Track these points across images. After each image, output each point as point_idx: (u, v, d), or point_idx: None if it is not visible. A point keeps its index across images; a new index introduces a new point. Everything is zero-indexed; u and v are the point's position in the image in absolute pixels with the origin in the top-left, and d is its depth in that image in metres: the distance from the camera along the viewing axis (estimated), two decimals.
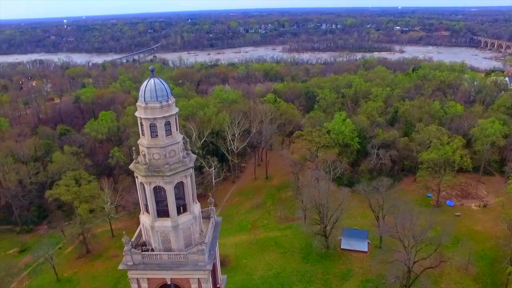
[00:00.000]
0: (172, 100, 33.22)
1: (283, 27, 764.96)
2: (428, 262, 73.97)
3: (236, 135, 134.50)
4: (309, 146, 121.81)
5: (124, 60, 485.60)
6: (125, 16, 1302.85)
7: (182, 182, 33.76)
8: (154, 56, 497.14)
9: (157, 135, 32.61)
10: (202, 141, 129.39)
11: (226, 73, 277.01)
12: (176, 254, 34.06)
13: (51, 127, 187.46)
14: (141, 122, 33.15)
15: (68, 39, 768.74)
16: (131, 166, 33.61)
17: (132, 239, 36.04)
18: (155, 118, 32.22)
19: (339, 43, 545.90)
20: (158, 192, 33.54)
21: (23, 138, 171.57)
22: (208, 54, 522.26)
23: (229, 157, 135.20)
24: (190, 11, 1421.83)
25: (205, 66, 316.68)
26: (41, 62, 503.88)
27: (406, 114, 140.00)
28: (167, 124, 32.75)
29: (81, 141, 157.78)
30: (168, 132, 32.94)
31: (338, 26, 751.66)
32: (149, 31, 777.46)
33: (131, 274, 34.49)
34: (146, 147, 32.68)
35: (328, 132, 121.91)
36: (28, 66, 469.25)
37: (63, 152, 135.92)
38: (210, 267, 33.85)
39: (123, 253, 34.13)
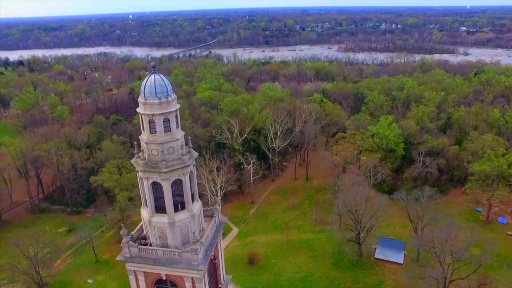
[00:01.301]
0: (172, 97, 33.11)
1: (340, 26, 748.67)
2: (467, 282, 68.58)
3: (278, 134, 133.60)
4: (351, 149, 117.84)
5: (181, 55, 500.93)
6: (186, 12, 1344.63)
7: (181, 180, 33.62)
8: (210, 51, 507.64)
9: (155, 131, 32.73)
10: (243, 137, 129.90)
11: (277, 71, 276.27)
12: (171, 251, 34.13)
13: (106, 116, 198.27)
14: (141, 118, 33.44)
15: (132, 34, 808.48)
16: (132, 161, 34.11)
17: (133, 232, 36.64)
18: (153, 114, 32.32)
19: (397, 44, 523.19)
20: (157, 188, 33.71)
21: (80, 126, 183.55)
22: (263, 51, 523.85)
23: (270, 156, 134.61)
24: (248, 8, 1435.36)
25: (257, 63, 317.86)
26: (105, 54, 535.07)
27: (460, 121, 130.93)
28: (166, 120, 32.73)
29: (130, 131, 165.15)
30: (167, 128, 32.89)
31: (398, 26, 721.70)
32: (207, 27, 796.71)
33: (129, 266, 35.07)
34: (145, 143, 33.01)
35: (372, 135, 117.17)
36: (94, 58, 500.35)
37: (112, 140, 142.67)
38: (202, 267, 33.47)
39: (121, 245, 34.80)
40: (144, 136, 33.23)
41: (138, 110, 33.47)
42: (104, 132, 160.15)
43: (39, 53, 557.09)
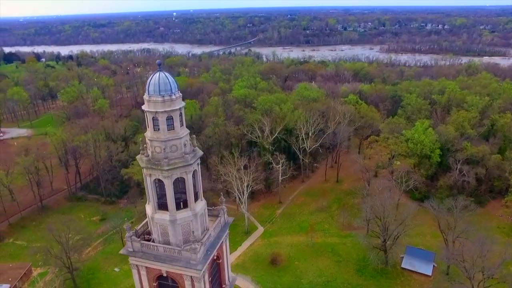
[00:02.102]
0: (176, 95, 32.98)
1: (384, 26, 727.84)
2: None
3: (310, 134, 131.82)
4: (383, 153, 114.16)
5: (221, 52, 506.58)
6: (228, 10, 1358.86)
7: (183, 178, 33.60)
8: (249, 49, 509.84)
9: (159, 129, 32.77)
10: (273, 137, 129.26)
11: (314, 71, 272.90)
12: (171, 248, 34.16)
13: (143, 110, 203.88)
14: (146, 115, 33.61)
15: (175, 31, 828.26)
16: (138, 157, 34.37)
17: (139, 227, 37.09)
18: (156, 112, 32.37)
19: (443, 45, 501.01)
20: (160, 185, 33.82)
21: (118, 119, 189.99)
22: (303, 51, 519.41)
23: (300, 156, 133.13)
24: (290, 7, 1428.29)
25: (295, 62, 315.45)
26: (148, 51, 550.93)
27: (505, 128, 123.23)
28: (169, 118, 32.66)
29: None
30: (171, 126, 32.83)
31: (446, 27, 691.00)
32: (248, 25, 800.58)
33: (131, 260, 35.50)
34: (149, 140, 33.18)
35: (407, 140, 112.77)
36: (137, 54, 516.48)
37: None
38: (201, 267, 33.25)
39: (125, 239, 35.26)
40: (148, 133, 33.50)
41: (143, 107, 33.67)
42: (140, 126, 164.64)
43: (88, 48, 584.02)
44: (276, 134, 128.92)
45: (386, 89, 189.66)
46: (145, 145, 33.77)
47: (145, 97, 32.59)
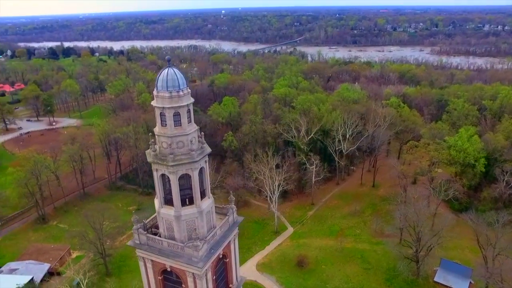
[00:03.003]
0: (184, 91, 32.76)
1: (436, 27, 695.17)
2: None
3: (347, 136, 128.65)
4: (423, 160, 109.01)
5: (266, 51, 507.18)
6: (276, 8, 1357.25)
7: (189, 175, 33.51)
8: (294, 48, 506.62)
9: (166, 125, 32.79)
10: (309, 137, 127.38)
11: (358, 71, 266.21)
12: (174, 244, 34.17)
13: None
14: (155, 110, 33.74)
15: (222, 28, 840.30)
16: (147, 151, 34.59)
17: (147, 220, 37.53)
18: (163, 107, 32.39)
19: (502, 48, 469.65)
20: (167, 180, 33.83)
21: None
22: (349, 51, 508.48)
23: (336, 158, 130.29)
24: (339, 6, 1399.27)
25: (339, 62, 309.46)
26: (195, 47, 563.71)
27: None
28: (177, 114, 32.54)
29: (204, 122, 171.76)
30: (178, 123, 32.71)
31: (506, 28, 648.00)
32: (295, 24, 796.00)
33: (138, 252, 36.00)
34: (156, 135, 33.35)
35: (449, 147, 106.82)
36: (184, 50, 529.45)
37: None
38: (202, 264, 32.99)
39: (132, 231, 35.81)
40: (156, 129, 33.71)
41: (152, 102, 33.95)
42: None
43: (138, 44, 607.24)
44: (312, 135, 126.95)
45: (432, 92, 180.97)
46: (152, 140, 34.10)
47: (154, 92, 32.88)
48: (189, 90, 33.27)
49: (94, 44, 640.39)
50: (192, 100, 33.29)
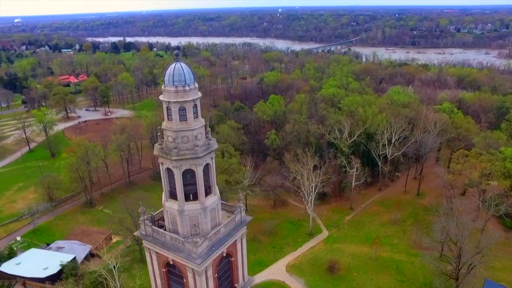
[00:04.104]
0: (190, 86, 32.42)
1: (507, 28, 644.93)
2: None
3: (392, 141, 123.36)
4: (473, 170, 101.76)
5: (320, 50, 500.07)
6: (333, 7, 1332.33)
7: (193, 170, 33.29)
8: (349, 48, 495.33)
9: (171, 119, 32.77)
10: (352, 139, 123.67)
11: (413, 74, 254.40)
12: (176, 238, 34.17)
13: (232, 102, 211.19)
14: (162, 104, 33.88)
15: (277, 26, 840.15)
16: (155, 145, 34.80)
17: (156, 213, 37.95)
18: (169, 102, 32.35)
19: None
20: (172, 174, 33.74)
21: (208, 108, 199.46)
22: (407, 52, 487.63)
23: (380, 163, 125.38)
24: (400, 6, 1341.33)
25: (393, 64, 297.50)
26: (249, 45, 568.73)
27: None
28: (182, 109, 32.34)
29: (249, 119, 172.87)
30: (183, 117, 32.53)
31: None
32: (352, 23, 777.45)
33: (144, 243, 36.50)
34: (163, 128, 33.41)
35: (504, 159, 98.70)
36: (238, 47, 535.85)
37: (229, 125, 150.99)
38: (200, 261, 32.67)
39: (139, 222, 36.38)
40: (163, 123, 33.92)
41: (159, 96, 34.04)
42: (224, 117, 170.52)
43: (195, 40, 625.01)
44: (355, 137, 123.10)
45: (493, 99, 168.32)
46: (159, 134, 34.43)
47: (162, 86, 33.13)
48: (196, 86, 33.20)
49: (153, 39, 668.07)
50: (199, 95, 33.19)
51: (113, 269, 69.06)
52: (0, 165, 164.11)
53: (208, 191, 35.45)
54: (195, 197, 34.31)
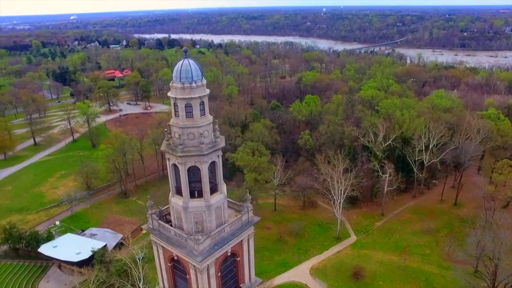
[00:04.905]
0: (197, 83, 32.18)
1: None
2: None
3: (430, 147, 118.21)
4: None
5: (362, 51, 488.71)
6: (379, 7, 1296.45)
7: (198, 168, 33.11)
8: (393, 49, 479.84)
9: (178, 115, 32.76)
10: (386, 143, 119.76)
11: (459, 78, 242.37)
12: (179, 234, 34.21)
13: (269, 101, 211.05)
14: (170, 101, 33.92)
15: (321, 26, 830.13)
16: (164, 141, 34.99)
17: (164, 207, 38.29)
18: (176, 98, 32.33)
19: None
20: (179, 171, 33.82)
21: (245, 106, 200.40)
22: (455, 55, 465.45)
23: (415, 169, 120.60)
24: (451, 6, 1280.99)
25: (438, 67, 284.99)
26: (291, 44, 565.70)
27: None
28: (189, 106, 32.19)
29: (284, 118, 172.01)
30: (190, 114, 32.37)
31: None
32: (398, 24, 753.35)
33: (151, 237, 36.95)
34: (170, 124, 33.51)
35: None
36: (280, 46, 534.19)
37: (263, 124, 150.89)
38: (201, 259, 32.50)
39: (147, 216, 36.85)
40: (172, 118, 34.08)
41: (168, 93, 34.20)
42: (260, 115, 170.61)
43: (237, 38, 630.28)
44: (389, 141, 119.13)
45: None
46: (166, 130, 34.72)
47: (170, 83, 33.34)
48: (204, 83, 33.10)
49: (197, 37, 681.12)
50: (207, 92, 33.06)
51: (138, 260, 71.01)
52: (46, 153, 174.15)
53: (214, 189, 35.42)
54: (200, 195, 34.42)
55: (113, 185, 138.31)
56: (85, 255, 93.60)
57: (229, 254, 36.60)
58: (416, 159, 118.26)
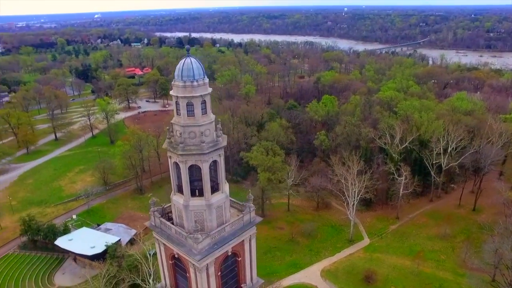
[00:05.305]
0: (199, 82, 32.08)
1: None
2: None
3: (449, 150, 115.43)
4: None
5: (383, 51, 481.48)
6: (402, 7, 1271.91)
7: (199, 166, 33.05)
8: (415, 50, 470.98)
9: (180, 114, 32.78)
10: (403, 146, 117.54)
11: (483, 80, 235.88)
12: (179, 232, 34.19)
13: (286, 100, 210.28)
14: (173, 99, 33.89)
15: (341, 26, 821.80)
16: (166, 139, 35.06)
17: (166, 205, 38.43)
18: (177, 97, 32.34)
19: None
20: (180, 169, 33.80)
21: (262, 105, 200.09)
22: (480, 56, 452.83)
23: (432, 173, 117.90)
24: (477, 6, 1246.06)
25: (461, 68, 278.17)
26: (311, 43, 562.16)
27: None
28: (190, 104, 32.15)
29: (301, 118, 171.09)
30: (191, 113, 32.34)
31: None
32: (420, 24, 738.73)
33: (154, 234, 37.11)
34: (172, 122, 33.54)
35: None
36: (300, 46, 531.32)
37: (279, 124, 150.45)
38: (199, 257, 32.40)
39: (149, 212, 37.06)
40: (174, 117, 34.12)
41: (170, 91, 34.19)
42: (276, 115, 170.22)
43: (257, 37, 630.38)
44: (406, 143, 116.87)
45: None
46: (168, 128, 34.81)
47: (173, 81, 33.39)
48: (206, 81, 33.04)
49: (217, 35, 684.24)
50: (208, 91, 33.00)
51: (149, 255, 71.80)
52: (66, 148, 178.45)
53: (215, 188, 35.41)
54: (201, 193, 34.44)
55: (129, 181, 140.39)
56: (99, 249, 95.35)
57: (229, 254, 36.53)
58: (434, 162, 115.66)
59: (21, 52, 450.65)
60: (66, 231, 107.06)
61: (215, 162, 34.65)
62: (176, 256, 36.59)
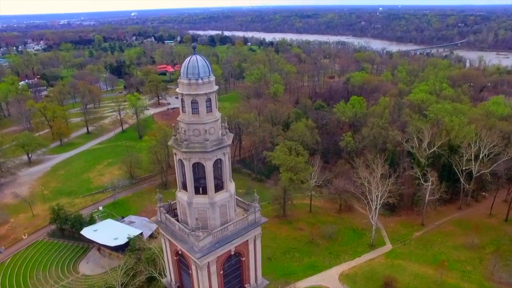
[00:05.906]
0: (204, 80, 31.87)
1: None
2: None
3: (480, 157, 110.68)
4: None
5: (418, 52, 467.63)
6: (440, 7, 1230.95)
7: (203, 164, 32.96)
8: (451, 52, 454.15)
9: (185, 111, 32.73)
10: (431, 150, 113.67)
11: None
12: (183, 229, 34.17)
13: (314, 100, 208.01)
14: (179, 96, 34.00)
15: (375, 26, 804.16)
16: (172, 136, 35.09)
17: (173, 201, 38.59)
18: (182, 94, 32.32)
19: None
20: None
21: (289, 105, 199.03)
22: None
23: (462, 179, 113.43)
24: None
25: (500, 71, 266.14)
26: (343, 43, 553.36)
27: None
28: (195, 102, 32.03)
29: (328, 119, 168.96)
30: (195, 110, 32.21)
31: None
32: (459, 24, 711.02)
33: (160, 229, 37.32)
34: (178, 120, 33.49)
35: None
36: (331, 46, 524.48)
37: (305, 124, 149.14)
38: (199, 255, 32.25)
39: (156, 208, 37.36)
40: (180, 114, 34.18)
41: (176, 89, 34.17)
42: (303, 115, 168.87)
43: (289, 36, 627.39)
44: (434, 148, 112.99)
45: None
46: (173, 125, 34.93)
47: (178, 78, 33.46)
48: (212, 79, 32.88)
49: (249, 34, 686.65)
50: (214, 89, 32.86)
51: None
52: (97, 142, 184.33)
53: (219, 187, 35.36)
54: (205, 191, 34.54)
55: (155, 176, 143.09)
56: (122, 241, 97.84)
57: (232, 253, 36.39)
58: (464, 168, 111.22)
59: (61, 48, 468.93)
60: (92, 221, 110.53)
61: (220, 160, 34.58)
62: (180, 252, 36.90)
